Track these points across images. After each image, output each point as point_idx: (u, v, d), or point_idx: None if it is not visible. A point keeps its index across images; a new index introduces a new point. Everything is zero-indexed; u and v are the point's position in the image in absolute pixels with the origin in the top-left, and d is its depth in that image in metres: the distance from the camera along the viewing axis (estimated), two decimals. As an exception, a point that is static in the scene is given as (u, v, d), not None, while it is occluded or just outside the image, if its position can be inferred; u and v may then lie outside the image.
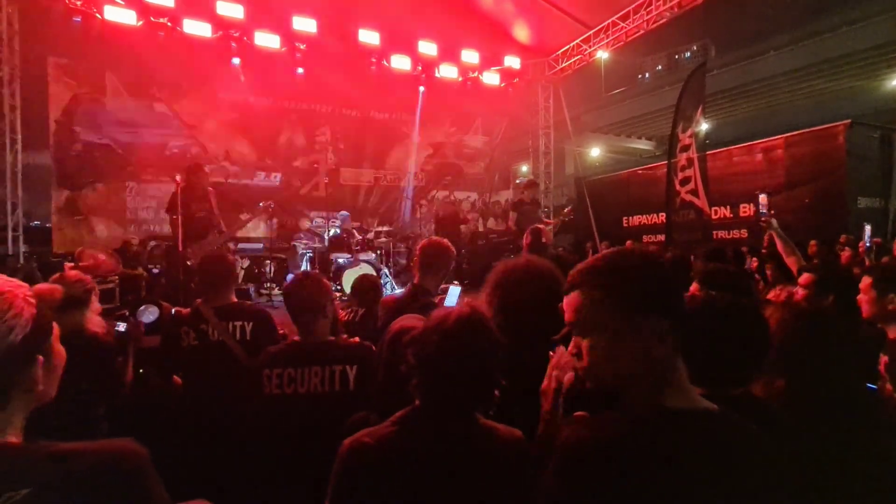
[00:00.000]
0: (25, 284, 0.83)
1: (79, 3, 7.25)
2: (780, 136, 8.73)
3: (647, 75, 28.33)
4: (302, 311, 1.85)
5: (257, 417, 1.76)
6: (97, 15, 7.33)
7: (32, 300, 0.80)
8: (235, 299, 2.35)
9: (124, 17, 7.44)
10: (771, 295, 2.32)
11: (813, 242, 6.20)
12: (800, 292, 2.24)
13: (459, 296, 2.12)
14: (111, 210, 8.28)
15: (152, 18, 7.62)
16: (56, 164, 7.96)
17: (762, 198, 3.12)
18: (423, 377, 1.11)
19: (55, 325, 0.85)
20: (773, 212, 3.11)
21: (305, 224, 9.36)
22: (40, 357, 0.79)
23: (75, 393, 1.58)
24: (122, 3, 7.39)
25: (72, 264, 6.04)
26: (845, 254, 5.58)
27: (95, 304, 2.14)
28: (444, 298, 2.17)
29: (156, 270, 6.76)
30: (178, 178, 4.72)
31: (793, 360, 1.31)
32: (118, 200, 8.33)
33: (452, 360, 1.09)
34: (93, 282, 2.15)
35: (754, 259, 5.24)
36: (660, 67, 28.79)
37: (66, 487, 0.71)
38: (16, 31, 7.28)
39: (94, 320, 2.08)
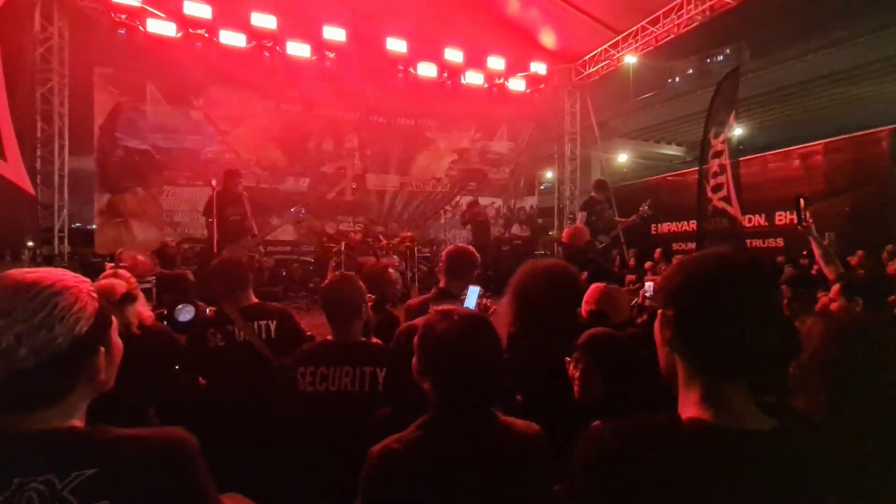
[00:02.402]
0: (88, 280, 0.89)
1: (123, 16, 7.63)
2: (819, 142, 8.43)
3: (677, 79, 27.76)
4: (338, 312, 1.88)
5: (289, 414, 1.80)
6: (140, 27, 7.71)
7: (95, 295, 0.86)
8: (256, 300, 2.39)
9: (165, 29, 7.80)
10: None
11: (860, 253, 5.94)
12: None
13: (479, 295, 2.14)
14: (149, 213, 8.61)
15: (191, 30, 7.96)
16: (99, 168, 8.34)
17: (802, 202, 3.02)
18: (436, 378, 1.14)
19: (114, 318, 0.91)
20: (811, 219, 3.01)
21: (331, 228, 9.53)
22: (102, 348, 0.84)
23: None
24: (164, 16, 7.74)
25: (112, 265, 6.33)
26: (894, 265, 5.34)
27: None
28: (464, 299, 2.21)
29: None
30: (214, 182, 4.88)
31: (834, 372, 1.27)
32: (155, 204, 8.67)
33: (462, 357, 1.13)
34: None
35: (789, 268, 5.06)
36: (691, 71, 28.18)
37: (127, 469, 0.76)
38: (65, 43, 7.72)
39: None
